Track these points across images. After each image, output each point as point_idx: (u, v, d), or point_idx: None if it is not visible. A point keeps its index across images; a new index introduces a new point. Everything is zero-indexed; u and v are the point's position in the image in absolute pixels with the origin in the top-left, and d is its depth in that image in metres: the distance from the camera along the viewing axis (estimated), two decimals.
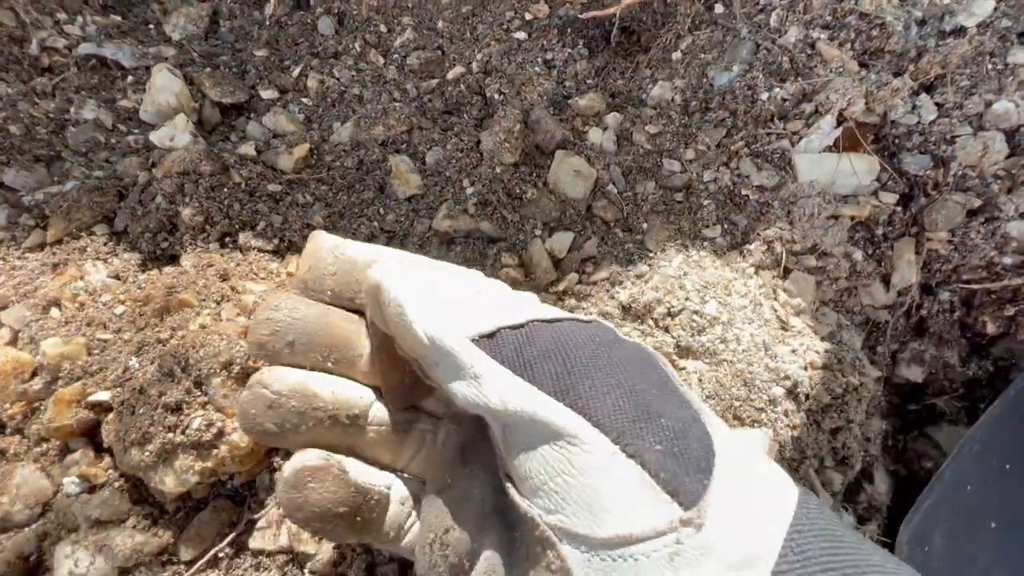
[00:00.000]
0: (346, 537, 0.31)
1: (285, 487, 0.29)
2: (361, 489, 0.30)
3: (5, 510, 0.47)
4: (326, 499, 0.29)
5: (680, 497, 0.22)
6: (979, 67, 0.60)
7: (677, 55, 0.76)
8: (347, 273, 0.32)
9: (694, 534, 0.21)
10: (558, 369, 0.25)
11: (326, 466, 0.29)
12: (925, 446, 0.67)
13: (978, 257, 0.60)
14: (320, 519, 0.29)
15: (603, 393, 0.24)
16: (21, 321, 0.56)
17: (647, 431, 0.23)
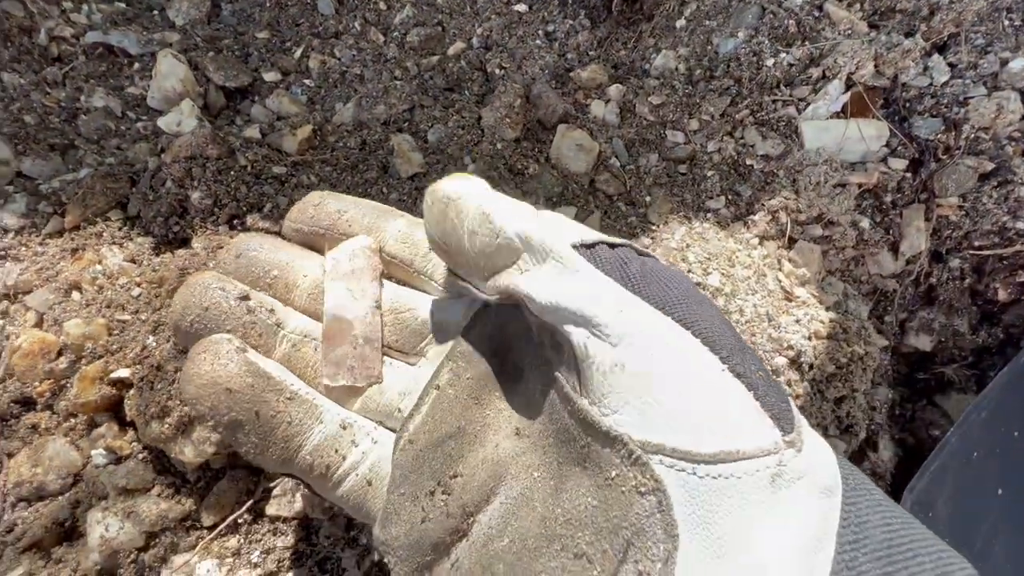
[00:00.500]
0: (257, 444, 0.27)
1: (186, 362, 0.28)
2: (260, 372, 0.27)
3: (40, 480, 0.50)
4: (215, 371, 0.26)
5: (782, 422, 0.22)
6: (995, 24, 0.58)
7: (681, 22, 0.74)
8: (315, 221, 0.34)
9: (794, 456, 0.22)
10: (662, 289, 0.24)
11: (223, 341, 0.27)
12: (933, 415, 0.67)
13: (990, 222, 0.59)
14: (209, 393, 0.26)
15: (707, 317, 0.24)
16: (45, 304, 0.58)
17: (748, 356, 0.23)
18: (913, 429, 0.68)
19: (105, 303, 0.57)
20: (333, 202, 0.34)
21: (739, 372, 0.23)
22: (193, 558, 0.48)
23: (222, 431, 0.27)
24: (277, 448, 0.27)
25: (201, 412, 0.27)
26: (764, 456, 0.21)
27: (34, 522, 0.49)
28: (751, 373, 0.23)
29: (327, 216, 0.34)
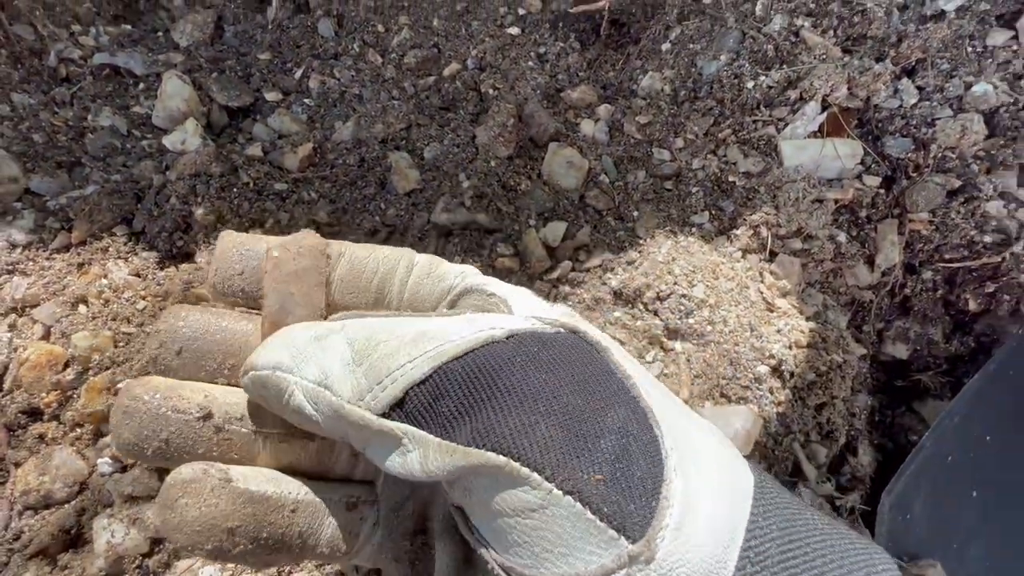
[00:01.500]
0: (270, 559, 0.27)
1: (158, 510, 0.25)
2: (256, 497, 0.26)
3: (47, 488, 0.52)
4: (207, 515, 0.25)
5: (627, 530, 0.21)
6: (959, 50, 0.62)
7: (666, 46, 0.78)
8: (255, 271, 0.29)
9: (642, 569, 0.20)
10: (476, 414, 0.23)
11: (201, 476, 0.25)
12: (911, 420, 0.69)
13: (959, 236, 0.62)
14: (208, 538, 0.25)
15: (530, 427, 0.22)
16: (52, 317, 0.60)
17: (584, 460, 0.22)
18: (892, 434, 0.70)
19: (111, 316, 0.59)
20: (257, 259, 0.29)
21: (568, 488, 0.21)
22: (196, 563, 0.49)
23: (232, 561, 0.26)
24: (291, 556, 0.27)
25: (202, 555, 0.25)
26: (608, 575, 0.21)
27: (41, 529, 0.51)
28: (584, 483, 0.21)
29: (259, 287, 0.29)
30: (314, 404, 0.25)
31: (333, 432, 0.26)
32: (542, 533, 0.21)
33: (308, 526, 0.27)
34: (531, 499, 0.21)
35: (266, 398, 0.26)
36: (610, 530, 0.21)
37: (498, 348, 0.25)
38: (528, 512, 0.22)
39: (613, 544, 0.21)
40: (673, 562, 0.21)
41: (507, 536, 0.22)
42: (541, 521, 0.21)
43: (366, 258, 0.30)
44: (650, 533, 0.21)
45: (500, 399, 0.23)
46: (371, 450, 0.25)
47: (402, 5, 0.87)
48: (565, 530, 0.21)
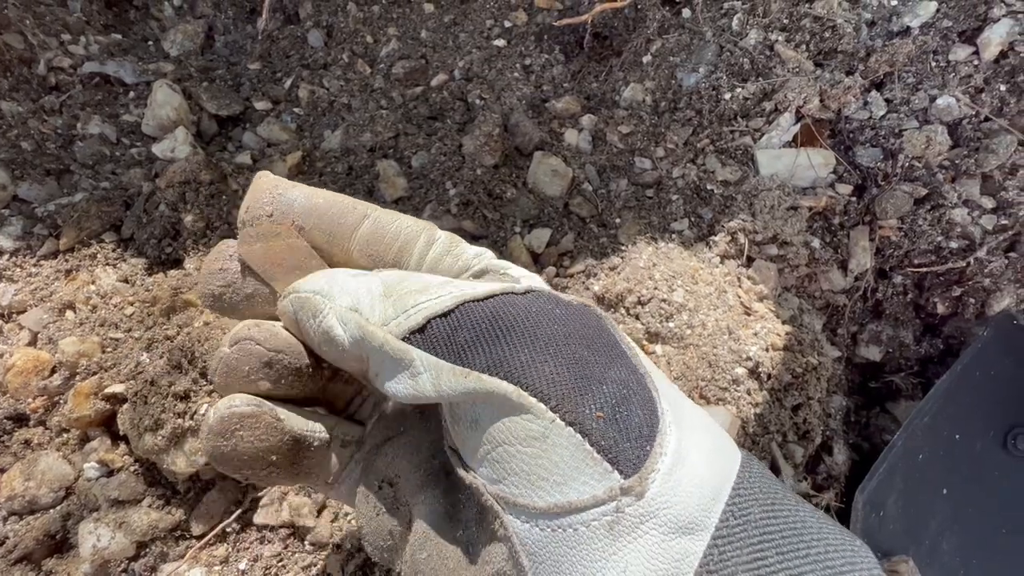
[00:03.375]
0: (280, 482, 0.30)
1: (211, 435, 0.27)
2: (298, 437, 0.29)
3: (32, 494, 0.52)
4: (258, 447, 0.27)
5: (620, 465, 0.22)
6: (924, 65, 0.65)
7: (647, 58, 0.80)
8: (283, 215, 0.30)
9: (634, 502, 0.21)
10: (491, 347, 0.24)
11: (258, 413, 0.28)
12: (885, 421, 0.71)
13: (926, 242, 0.64)
14: (251, 466, 0.28)
15: (540, 363, 0.24)
16: (39, 323, 0.60)
17: (587, 399, 0.23)
18: (868, 435, 0.72)
19: (99, 322, 0.60)
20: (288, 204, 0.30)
21: (571, 420, 0.22)
22: (182, 566, 0.50)
23: (255, 481, 0.29)
24: (295, 479, 0.30)
25: (243, 479, 0.29)
26: (598, 506, 0.21)
27: (26, 535, 0.51)
28: (586, 417, 0.22)
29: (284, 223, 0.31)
30: (343, 325, 0.27)
31: (354, 354, 0.27)
32: (540, 461, 0.22)
33: (320, 461, 0.30)
34: (534, 427, 0.22)
35: (300, 320, 0.28)
36: (605, 462, 0.22)
37: (517, 298, 0.26)
38: (530, 440, 0.23)
39: (606, 477, 0.22)
40: (661, 502, 0.22)
41: (505, 464, 0.23)
42: (541, 449, 0.22)
43: (390, 224, 0.31)
44: (642, 472, 0.22)
45: (514, 338, 0.24)
46: (385, 373, 0.26)
47: (391, 17, 0.89)
48: (563, 459, 0.22)
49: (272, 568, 0.51)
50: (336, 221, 0.30)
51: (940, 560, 0.62)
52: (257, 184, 0.31)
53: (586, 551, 0.22)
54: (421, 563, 0.27)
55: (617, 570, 0.21)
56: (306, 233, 0.30)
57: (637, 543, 0.21)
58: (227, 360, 0.29)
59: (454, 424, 0.26)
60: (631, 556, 0.21)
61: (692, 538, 0.22)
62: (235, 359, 0.28)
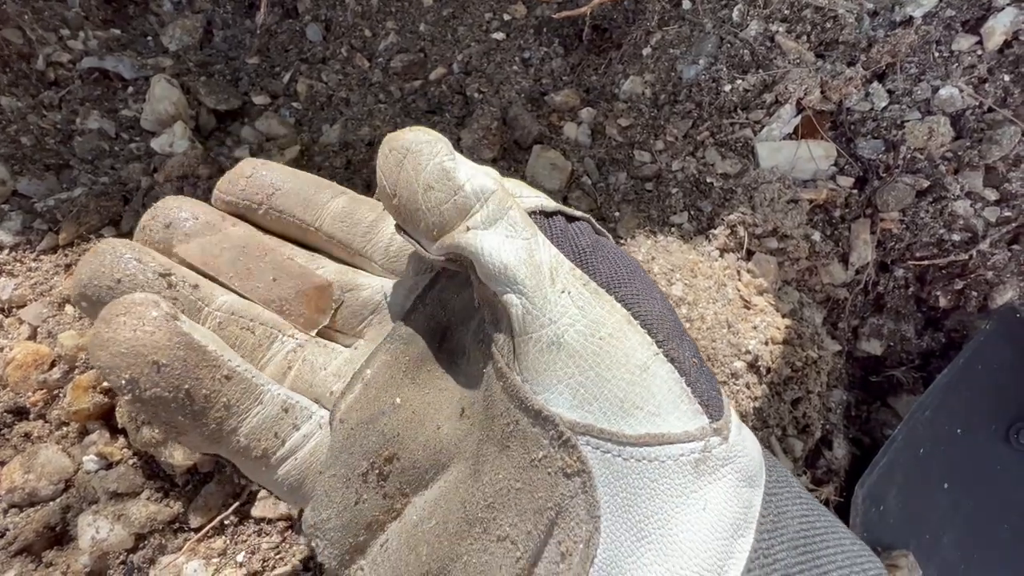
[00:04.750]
0: (181, 424, 0.24)
1: (96, 324, 0.24)
2: (195, 345, 0.24)
3: (32, 486, 0.52)
4: (138, 339, 0.22)
5: (710, 409, 0.23)
6: (926, 55, 0.64)
7: (647, 50, 0.80)
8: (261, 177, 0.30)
9: (720, 444, 0.22)
10: (610, 267, 0.24)
11: (148, 303, 0.23)
12: (886, 415, 0.71)
13: (928, 235, 0.64)
14: (129, 364, 0.22)
15: (649, 298, 0.24)
16: (39, 317, 0.61)
17: (685, 343, 0.24)
18: (868, 429, 0.72)
19: None
20: (267, 173, 0.31)
21: (673, 357, 0.23)
22: (180, 558, 0.50)
23: (140, 405, 0.24)
24: (207, 430, 0.24)
25: (116, 384, 0.23)
26: (690, 441, 0.22)
27: (25, 527, 0.51)
28: (685, 359, 0.23)
29: (259, 190, 0.30)
30: (465, 169, 0.24)
31: (469, 203, 0.24)
32: (637, 389, 0.22)
33: (236, 401, 0.25)
34: (638, 356, 0.22)
35: (408, 164, 0.25)
36: (697, 403, 0.23)
37: (606, 237, 0.27)
38: (632, 367, 0.22)
39: (698, 417, 0.22)
40: (739, 450, 0.23)
41: (595, 389, 0.22)
42: (640, 378, 0.22)
43: (367, 200, 0.32)
44: (725, 418, 0.23)
45: (622, 266, 0.24)
46: (490, 232, 0.23)
47: (389, 10, 0.88)
48: (662, 392, 0.22)
49: (270, 560, 0.51)
50: (313, 191, 0.30)
51: (941, 554, 0.62)
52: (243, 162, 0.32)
53: (668, 485, 0.21)
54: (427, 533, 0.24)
55: (698, 507, 0.21)
56: (280, 195, 0.29)
57: (718, 484, 0.22)
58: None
59: (523, 340, 0.23)
60: (711, 495, 0.22)
61: (754, 490, 0.23)
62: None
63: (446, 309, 0.29)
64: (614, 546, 0.21)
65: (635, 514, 0.21)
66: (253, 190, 0.31)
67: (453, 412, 0.26)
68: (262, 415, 0.26)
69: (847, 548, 0.24)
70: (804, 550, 0.22)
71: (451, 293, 0.29)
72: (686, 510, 0.21)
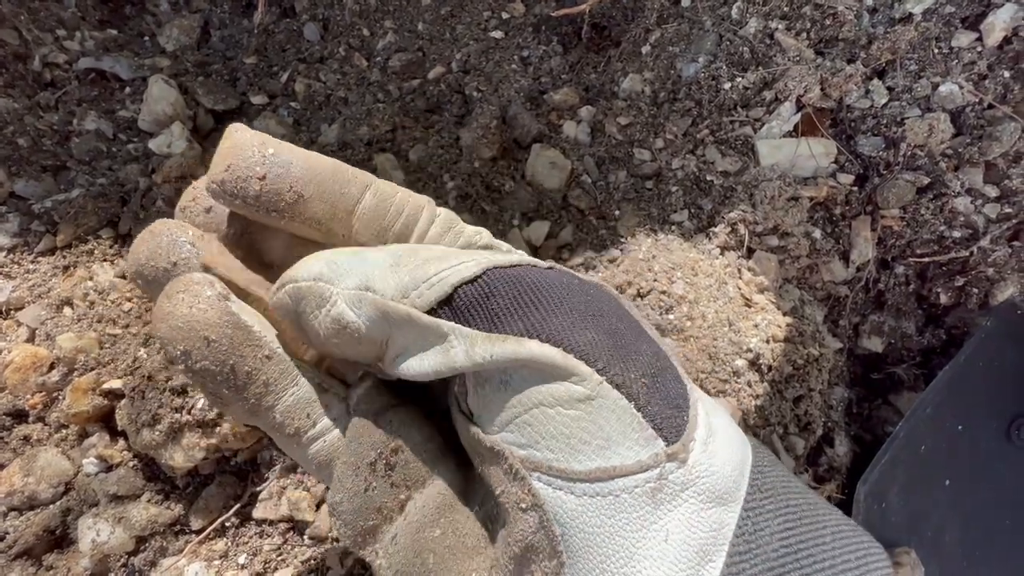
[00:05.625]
0: (225, 396, 0.26)
1: (160, 298, 0.26)
2: (241, 325, 0.26)
3: (32, 490, 0.52)
4: (193, 316, 0.25)
5: (664, 432, 0.22)
6: (926, 51, 0.64)
7: (646, 48, 0.80)
8: (279, 179, 0.26)
9: (677, 469, 0.21)
10: (528, 313, 0.23)
11: (205, 283, 0.26)
12: (888, 412, 0.71)
13: (928, 232, 0.64)
14: (184, 337, 0.25)
15: (580, 329, 0.23)
16: (37, 320, 0.60)
17: (630, 364, 0.22)
18: (870, 426, 0.72)
19: (96, 318, 0.59)
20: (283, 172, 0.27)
21: (618, 383, 0.22)
22: (182, 561, 0.50)
23: (191, 376, 0.26)
24: (247, 404, 0.26)
25: (172, 354, 0.25)
26: (643, 471, 0.21)
27: (26, 530, 0.51)
28: (632, 381, 0.22)
29: (279, 197, 0.27)
30: (356, 308, 0.24)
31: (372, 339, 0.25)
32: (583, 424, 0.21)
33: (274, 380, 0.26)
34: (579, 390, 0.22)
35: (303, 314, 0.26)
36: (650, 428, 0.21)
37: (542, 270, 0.25)
38: (573, 403, 0.21)
39: (651, 443, 0.21)
40: (701, 470, 0.22)
41: (540, 428, 0.22)
42: (585, 412, 0.21)
43: (392, 196, 0.28)
44: (684, 439, 0.22)
45: (550, 305, 0.23)
46: (408, 351, 0.24)
47: (387, 9, 0.88)
48: (609, 423, 0.21)
49: (271, 562, 0.51)
50: (339, 191, 0.27)
51: (943, 551, 0.62)
52: (237, 139, 0.27)
53: (626, 519, 0.21)
54: (432, 541, 0.25)
55: (659, 538, 0.21)
56: (305, 203, 0.27)
57: (678, 511, 0.21)
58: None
59: (477, 387, 0.24)
60: (672, 524, 0.21)
61: (726, 508, 0.22)
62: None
63: None
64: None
65: (597, 552, 0.21)
66: (273, 198, 0.27)
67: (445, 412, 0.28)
68: (296, 395, 0.27)
69: (831, 564, 0.23)
70: (780, 571, 0.22)
71: None
72: (647, 544, 0.21)
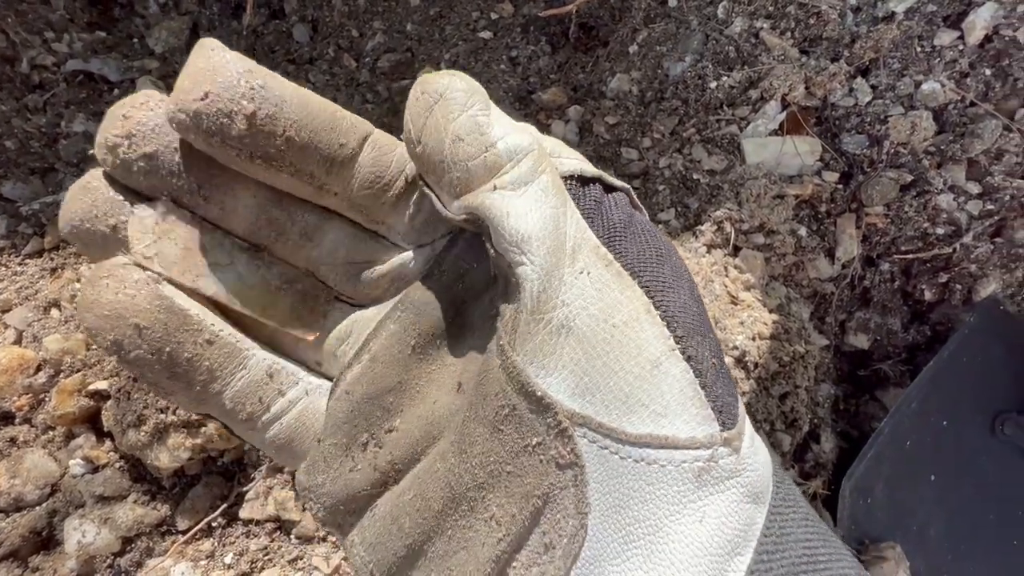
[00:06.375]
0: (168, 385, 0.24)
1: (82, 286, 0.23)
2: (175, 309, 0.23)
3: (18, 491, 0.52)
4: (119, 302, 0.22)
5: (723, 416, 0.21)
6: (909, 50, 0.64)
7: (633, 48, 0.80)
8: (271, 120, 0.22)
9: (728, 455, 0.21)
10: (639, 247, 0.22)
11: (131, 266, 0.23)
12: (874, 408, 0.71)
13: (912, 229, 0.64)
14: (112, 327, 0.23)
15: (677, 287, 0.22)
16: (24, 322, 0.60)
17: (707, 341, 0.22)
18: (857, 423, 0.72)
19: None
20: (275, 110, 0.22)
21: (690, 355, 0.21)
22: (168, 561, 0.50)
23: (127, 367, 0.24)
24: (192, 391, 0.25)
25: (102, 345, 0.23)
26: (695, 448, 0.20)
27: (12, 532, 0.51)
28: (703, 359, 0.21)
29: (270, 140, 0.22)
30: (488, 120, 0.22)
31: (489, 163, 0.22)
32: (644, 386, 0.20)
33: (220, 366, 0.24)
34: (651, 349, 0.21)
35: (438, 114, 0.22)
36: (710, 408, 0.21)
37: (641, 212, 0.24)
38: (642, 360, 0.20)
39: (708, 423, 0.20)
40: (749, 463, 0.21)
41: (599, 380, 0.21)
42: (650, 373, 0.20)
43: (392, 149, 0.25)
44: (739, 428, 0.21)
45: (655, 248, 0.22)
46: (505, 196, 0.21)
47: (376, 10, 0.88)
48: (672, 391, 0.20)
49: (258, 562, 0.51)
50: (337, 141, 0.24)
51: (928, 546, 0.62)
52: (216, 60, 0.21)
53: (665, 491, 0.20)
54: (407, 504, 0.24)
55: (693, 519, 0.20)
56: (298, 151, 0.22)
57: (719, 497, 0.21)
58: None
59: (532, 319, 0.21)
60: (710, 508, 0.20)
61: (758, 507, 0.22)
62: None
63: (464, 280, 0.27)
64: (599, 546, 0.20)
65: (625, 516, 0.20)
66: (262, 141, 0.22)
67: (452, 386, 0.26)
68: (246, 379, 0.25)
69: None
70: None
71: (469, 260, 0.27)
72: (680, 520, 0.20)
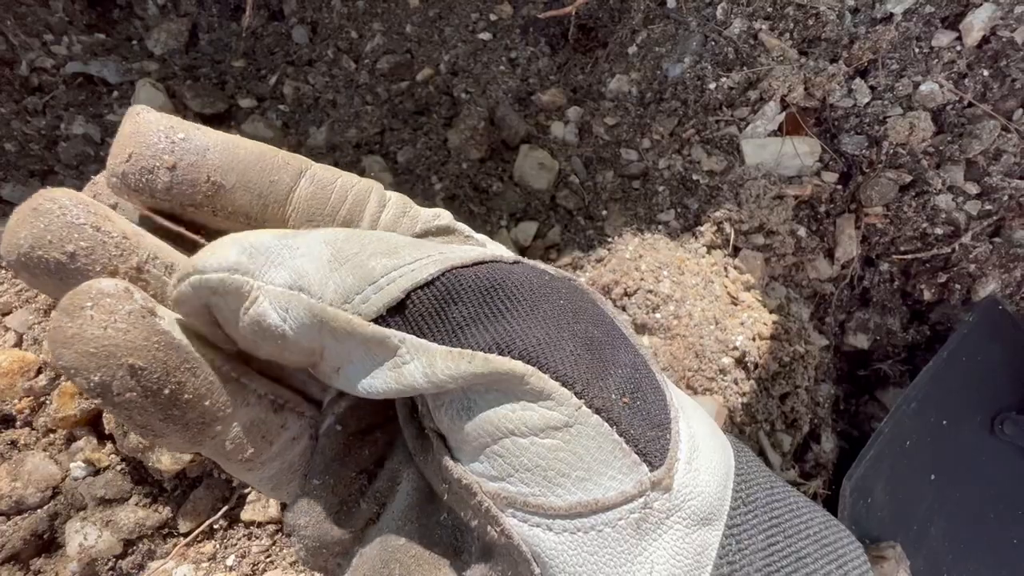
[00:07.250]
0: (158, 428, 0.21)
1: (55, 315, 0.19)
2: (175, 345, 0.20)
3: (19, 494, 0.52)
4: (110, 338, 0.19)
5: (649, 456, 0.20)
6: (907, 51, 0.64)
7: (633, 49, 0.80)
8: (192, 168, 0.21)
9: (662, 495, 0.20)
10: (495, 323, 0.20)
11: (122, 294, 0.19)
12: (874, 408, 0.71)
13: (911, 229, 0.64)
14: (100, 367, 0.19)
15: (557, 342, 0.20)
16: (24, 325, 0.60)
17: (609, 383, 0.20)
18: (857, 423, 0.72)
19: None
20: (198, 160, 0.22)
21: (598, 406, 0.20)
22: (169, 563, 0.50)
23: (112, 410, 0.20)
24: (188, 434, 0.21)
25: (83, 386, 0.19)
26: (627, 503, 0.19)
27: (13, 535, 0.51)
28: (612, 403, 0.20)
29: (193, 188, 0.22)
30: (283, 312, 0.20)
31: (303, 346, 0.21)
32: (561, 455, 0.19)
33: (222, 406, 0.22)
34: (556, 416, 0.19)
35: (217, 307, 0.21)
36: (634, 454, 0.20)
37: (508, 267, 0.22)
38: (549, 431, 0.19)
39: (635, 469, 0.20)
40: (686, 493, 0.20)
41: (513, 459, 0.20)
42: (563, 440, 0.19)
43: (332, 181, 0.24)
44: (668, 461, 0.20)
45: (521, 312, 0.20)
46: (352, 367, 0.21)
47: (376, 12, 0.88)
48: (589, 451, 0.19)
49: (260, 564, 0.51)
50: (267, 180, 0.23)
51: (928, 545, 0.62)
52: (140, 122, 0.22)
53: (610, 554, 0.19)
54: (398, 550, 0.23)
55: (643, 572, 0.19)
56: (227, 194, 0.22)
57: (662, 539, 0.20)
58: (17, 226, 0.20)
59: (436, 410, 0.21)
60: (657, 555, 0.20)
61: (710, 529, 0.21)
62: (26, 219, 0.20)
63: None
64: None
65: None
66: (187, 190, 0.22)
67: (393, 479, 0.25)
68: (249, 417, 0.23)
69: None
70: None
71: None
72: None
